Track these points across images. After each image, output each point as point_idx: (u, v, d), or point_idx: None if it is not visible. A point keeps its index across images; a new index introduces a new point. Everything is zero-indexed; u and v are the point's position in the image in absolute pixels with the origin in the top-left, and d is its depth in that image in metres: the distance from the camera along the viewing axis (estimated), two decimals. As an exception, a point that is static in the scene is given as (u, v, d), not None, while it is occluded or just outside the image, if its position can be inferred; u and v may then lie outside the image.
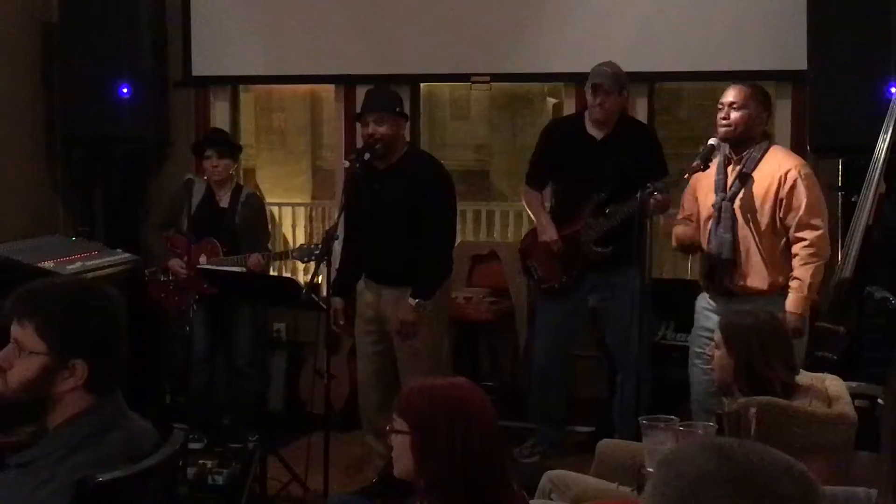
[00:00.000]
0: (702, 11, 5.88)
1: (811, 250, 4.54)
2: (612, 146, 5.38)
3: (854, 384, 3.99)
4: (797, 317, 4.51)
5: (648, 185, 4.80)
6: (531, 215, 5.70)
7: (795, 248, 4.57)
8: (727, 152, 4.72)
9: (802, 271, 4.55)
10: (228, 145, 5.99)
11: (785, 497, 1.32)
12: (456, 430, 2.46)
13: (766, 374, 3.60)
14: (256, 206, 6.04)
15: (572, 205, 5.46)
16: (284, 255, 5.97)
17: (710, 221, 4.72)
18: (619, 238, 5.26)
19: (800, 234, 4.56)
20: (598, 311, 5.55)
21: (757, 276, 4.63)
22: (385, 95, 5.16)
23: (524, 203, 5.72)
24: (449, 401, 2.53)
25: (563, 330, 5.58)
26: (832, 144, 5.29)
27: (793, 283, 4.56)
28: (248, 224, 5.91)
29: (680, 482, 1.34)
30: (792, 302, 4.53)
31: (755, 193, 4.61)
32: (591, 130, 5.44)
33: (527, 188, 5.66)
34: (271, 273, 6.09)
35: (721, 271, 4.66)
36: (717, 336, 3.77)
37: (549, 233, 5.44)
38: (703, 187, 4.79)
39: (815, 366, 4.27)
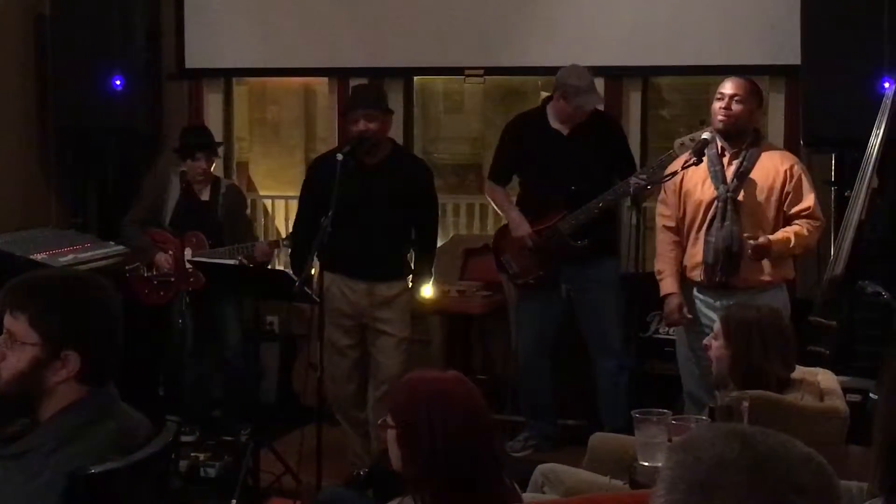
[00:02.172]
0: (695, 6, 5.88)
1: (800, 224, 4.62)
2: (580, 141, 5.42)
3: (846, 378, 4.00)
4: (753, 247, 4.54)
5: (633, 178, 4.97)
6: (499, 211, 5.73)
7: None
8: (720, 144, 4.73)
9: (786, 230, 4.61)
10: (215, 145, 5.98)
11: (804, 488, 1.29)
12: (435, 424, 2.44)
13: (763, 369, 3.61)
14: (237, 196, 6.07)
15: (541, 199, 5.48)
16: (276, 244, 5.97)
17: (709, 214, 4.71)
18: (593, 229, 5.29)
19: (799, 222, 4.64)
20: (572, 302, 5.57)
21: (759, 270, 4.65)
22: (374, 92, 5.26)
23: (490, 199, 5.77)
24: (430, 395, 2.51)
25: (544, 323, 5.60)
26: (825, 139, 5.30)
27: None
28: (230, 215, 5.92)
29: (698, 467, 1.30)
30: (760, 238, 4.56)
31: (759, 188, 4.64)
32: (556, 125, 5.48)
33: (491, 184, 5.70)
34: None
35: (726, 264, 4.65)
36: (717, 327, 3.77)
37: (523, 227, 5.45)
38: (692, 182, 4.78)
39: (807, 360, 4.27)
